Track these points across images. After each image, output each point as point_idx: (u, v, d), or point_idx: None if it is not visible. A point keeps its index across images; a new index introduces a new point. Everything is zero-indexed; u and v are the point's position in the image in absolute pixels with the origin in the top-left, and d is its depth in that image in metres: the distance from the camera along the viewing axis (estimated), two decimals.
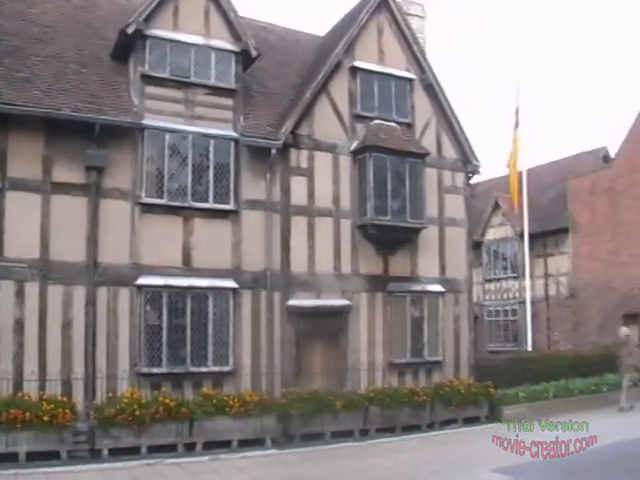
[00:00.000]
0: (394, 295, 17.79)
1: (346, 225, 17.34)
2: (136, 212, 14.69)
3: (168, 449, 12.85)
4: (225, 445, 13.41)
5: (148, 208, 14.82)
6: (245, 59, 16.37)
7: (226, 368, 15.16)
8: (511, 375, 19.25)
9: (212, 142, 15.55)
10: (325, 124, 17.27)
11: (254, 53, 16.25)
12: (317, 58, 18.94)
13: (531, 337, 25.34)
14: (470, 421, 16.95)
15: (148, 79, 15.17)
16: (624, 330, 19.70)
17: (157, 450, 12.73)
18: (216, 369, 15.03)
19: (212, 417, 13.46)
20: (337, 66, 17.51)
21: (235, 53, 16.14)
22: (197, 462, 12.28)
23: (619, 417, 17.02)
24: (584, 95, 72.54)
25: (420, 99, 18.85)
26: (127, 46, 15.50)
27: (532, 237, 27.81)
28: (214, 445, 13.26)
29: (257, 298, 15.86)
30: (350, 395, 15.57)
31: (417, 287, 18.26)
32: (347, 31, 17.91)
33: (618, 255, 27.85)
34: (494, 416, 17.35)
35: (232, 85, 16.10)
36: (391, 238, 17.82)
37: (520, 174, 25.78)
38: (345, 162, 17.46)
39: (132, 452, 12.50)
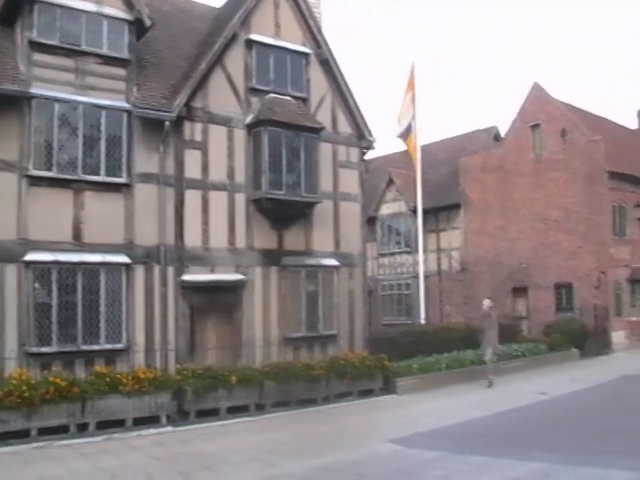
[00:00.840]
0: (289, 269, 18.28)
1: (241, 199, 17.65)
2: (23, 185, 14.45)
3: (60, 431, 12.67)
4: (119, 424, 13.36)
5: (36, 181, 14.59)
6: (138, 28, 16.34)
7: (119, 345, 15.22)
8: (405, 348, 19.98)
9: (104, 113, 15.49)
10: (220, 97, 17.47)
11: (148, 22, 16.23)
12: (212, 30, 19.11)
13: (424, 310, 26.51)
14: (365, 393, 17.47)
15: (36, 46, 14.88)
16: (486, 302, 19.85)
17: (48, 432, 12.51)
18: (109, 347, 15.05)
19: (105, 396, 13.34)
20: (233, 39, 17.73)
21: (128, 22, 16.09)
22: (90, 443, 12.23)
23: (492, 390, 18.05)
24: (477, 74, 75.24)
25: (316, 74, 19.34)
26: (14, 10, 15.16)
27: (425, 212, 29.03)
28: (108, 425, 13.18)
29: (150, 273, 15.98)
30: (245, 370, 15.77)
31: (312, 261, 18.79)
32: (243, 3, 18.07)
33: (507, 231, 29.69)
34: (388, 388, 17.97)
35: (125, 55, 16.06)
36: (286, 212, 18.28)
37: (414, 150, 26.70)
38: (240, 136, 17.74)
39: (22, 435, 12.27)
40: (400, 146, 28.28)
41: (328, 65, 19.50)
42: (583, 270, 27.09)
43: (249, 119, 17.84)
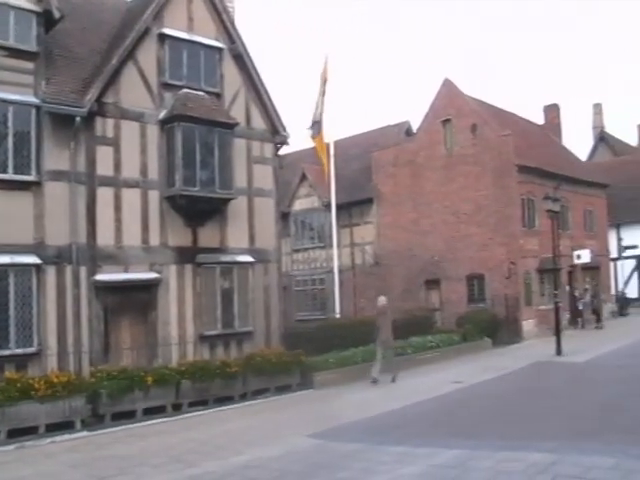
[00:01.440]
0: (204, 267, 18.47)
1: (154, 196, 17.72)
2: None
3: None
4: (32, 431, 13.13)
5: None
6: (47, 20, 16.21)
7: (30, 349, 15.10)
8: (321, 342, 20.41)
9: (11, 108, 15.32)
10: (132, 92, 17.49)
11: (57, 14, 16.12)
12: (124, 23, 19.06)
13: (339, 305, 27.03)
14: (282, 389, 17.78)
15: None
16: (381, 299, 19.39)
17: None
18: (19, 351, 14.91)
19: (16, 402, 13.09)
20: (145, 32, 17.77)
21: (36, 13, 15.94)
22: (1, 452, 11.98)
23: (409, 381, 18.57)
24: (390, 70, 76.71)
25: (229, 69, 19.60)
26: None
27: (338, 207, 29.54)
28: (20, 432, 12.92)
29: (62, 274, 15.91)
30: (161, 370, 15.81)
31: (227, 258, 19.02)
32: None
33: (420, 224, 30.57)
34: (306, 383, 18.33)
35: (33, 48, 15.91)
36: (200, 209, 18.45)
37: (327, 145, 27.15)
38: (153, 131, 17.83)
39: None
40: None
41: (242, 60, 19.76)
42: (494, 261, 28.18)
43: (162, 115, 17.92)
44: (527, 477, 8.08)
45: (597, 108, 57.60)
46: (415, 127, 33.45)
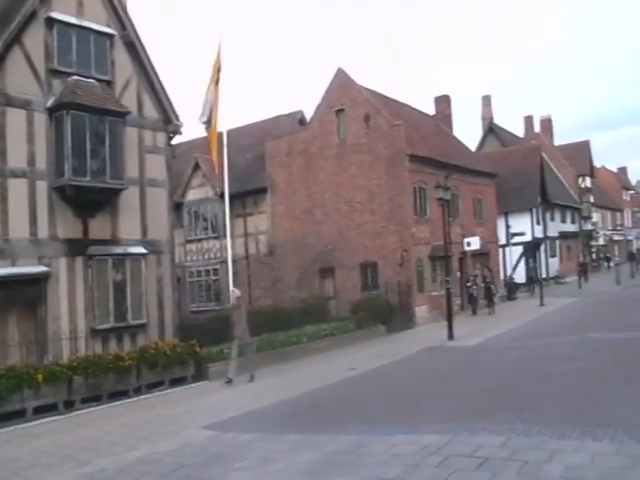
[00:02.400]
0: (95, 259, 18.29)
1: (42, 187, 17.38)
2: None
3: None
4: None
5: None
6: None
7: None
8: (216, 333, 20.45)
9: None
10: (18, 78, 17.04)
11: None
12: (10, 6, 18.38)
13: None
14: (178, 382, 17.88)
15: None
16: (235, 292, 18.57)
17: None
18: None
19: None
20: (32, 16, 17.32)
21: None
22: None
23: (304, 369, 19.14)
24: (284, 60, 76.99)
25: (121, 56, 19.40)
26: None
27: (232, 197, 29.57)
28: None
29: None
30: (52, 367, 15.63)
31: (119, 250, 18.90)
32: None
33: (313, 213, 31.12)
34: (201, 375, 18.51)
35: None
36: (91, 199, 18.24)
37: (220, 135, 27.19)
38: (41, 120, 17.45)
39: None
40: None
41: (134, 47, 19.58)
42: (387, 249, 29.08)
43: (50, 102, 17.57)
44: (420, 459, 8.44)
45: (486, 100, 59.98)
46: (309, 117, 33.89)
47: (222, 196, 28.68)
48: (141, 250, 19.36)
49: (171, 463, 9.57)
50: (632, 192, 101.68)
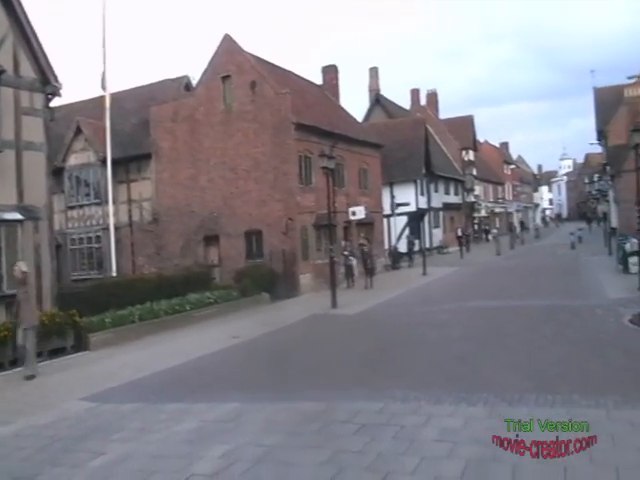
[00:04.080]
0: None
1: None
2: None
3: None
4: None
5: None
6: None
7: None
8: (97, 302, 20.10)
9: None
10: None
11: None
12: None
13: (116, 263, 26.96)
14: (56, 353, 17.35)
15: None
16: (20, 266, 15.45)
17: None
18: None
19: None
20: None
21: None
22: None
23: (186, 337, 19.39)
24: (169, 24, 75.25)
25: None
26: None
27: (115, 163, 29.20)
28: None
29: None
30: None
31: None
32: None
33: (198, 180, 30.94)
34: (81, 345, 18.13)
35: None
36: None
37: (103, 98, 26.62)
38: None
39: None
40: (89, 93, 27.93)
41: (10, 3, 18.75)
42: (272, 217, 29.26)
43: None
44: (300, 426, 8.76)
45: (373, 71, 60.71)
46: (195, 82, 33.48)
47: (105, 161, 28.17)
48: (17, 216, 18.60)
49: (48, 437, 9.43)
50: (513, 166, 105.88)
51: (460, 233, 55.20)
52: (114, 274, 26.43)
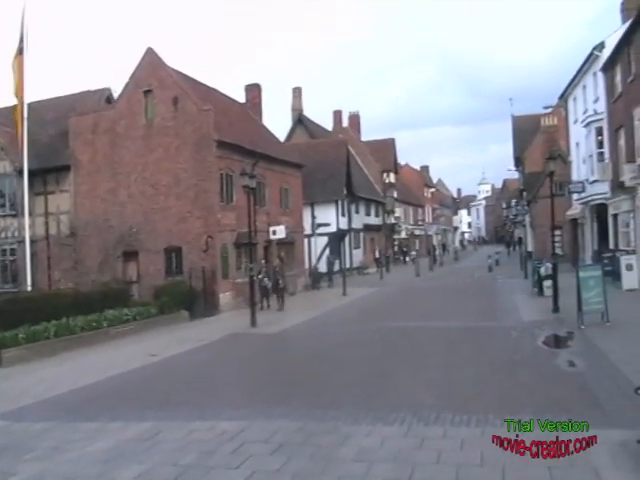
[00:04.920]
0: None
1: None
2: None
3: None
4: None
5: None
6: None
7: None
8: (11, 317, 19.79)
9: None
10: None
11: None
12: None
13: (31, 277, 26.41)
14: None
15: None
16: None
17: None
18: None
19: None
20: None
21: None
22: None
23: (103, 354, 19.07)
24: (92, 35, 74.26)
25: None
26: None
27: (32, 174, 28.67)
28: None
29: None
30: None
31: None
32: None
33: (118, 195, 30.57)
34: None
35: None
36: None
37: (21, 107, 26.11)
38: None
39: None
40: (4, 102, 27.41)
41: None
42: (192, 234, 29.10)
43: None
44: (216, 445, 8.80)
45: (296, 91, 61.21)
46: (116, 95, 33.10)
47: (21, 172, 27.59)
48: None
49: None
50: (433, 189, 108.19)
51: (377, 255, 56.05)
52: (29, 288, 25.91)
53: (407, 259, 70.70)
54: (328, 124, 68.20)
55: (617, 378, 11.41)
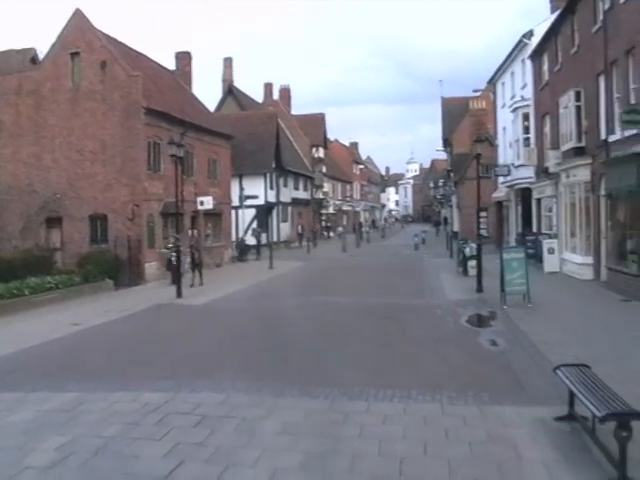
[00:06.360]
0: None
1: None
2: None
3: None
4: None
5: None
6: None
7: None
8: None
9: None
10: None
11: None
12: None
13: None
14: None
15: None
16: None
17: None
18: None
19: None
20: None
21: None
22: None
23: (23, 322, 18.39)
24: None
25: None
26: None
27: None
28: None
29: None
30: None
31: None
32: None
33: (42, 159, 29.59)
34: None
35: None
36: None
37: None
38: None
39: None
40: None
41: None
42: (118, 203, 28.45)
43: None
44: (141, 416, 8.63)
45: (227, 62, 60.28)
46: (42, 56, 31.91)
47: None
48: None
49: None
50: (362, 166, 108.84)
51: (300, 230, 56.11)
52: None
53: (331, 234, 70.99)
54: (259, 97, 67.56)
55: (537, 357, 11.68)
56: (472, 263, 24.86)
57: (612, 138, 21.02)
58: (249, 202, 44.10)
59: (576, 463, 6.74)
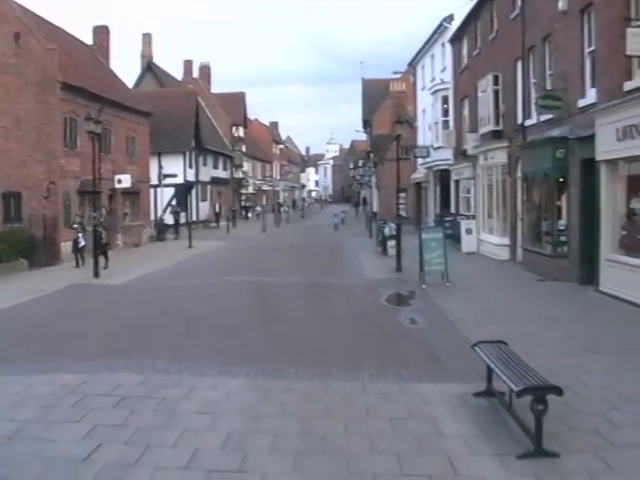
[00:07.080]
0: None
1: None
2: None
3: None
4: None
5: None
6: None
7: None
8: None
9: None
10: None
11: None
12: None
13: None
14: None
15: None
16: None
17: None
18: None
19: None
20: None
21: None
22: None
23: None
24: None
25: None
26: None
27: None
28: None
29: None
30: None
31: None
32: None
33: None
34: None
35: None
36: None
37: None
38: None
39: None
40: None
41: None
42: (33, 180, 27.56)
43: None
44: (57, 399, 8.40)
45: (146, 38, 58.93)
46: None
47: None
48: None
49: None
50: (282, 146, 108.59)
51: (218, 209, 55.72)
52: None
53: (249, 214, 70.68)
54: (179, 75, 66.38)
55: (455, 335, 11.93)
56: (391, 243, 25.13)
57: (528, 122, 21.58)
58: (168, 181, 43.47)
59: (494, 437, 6.89)
